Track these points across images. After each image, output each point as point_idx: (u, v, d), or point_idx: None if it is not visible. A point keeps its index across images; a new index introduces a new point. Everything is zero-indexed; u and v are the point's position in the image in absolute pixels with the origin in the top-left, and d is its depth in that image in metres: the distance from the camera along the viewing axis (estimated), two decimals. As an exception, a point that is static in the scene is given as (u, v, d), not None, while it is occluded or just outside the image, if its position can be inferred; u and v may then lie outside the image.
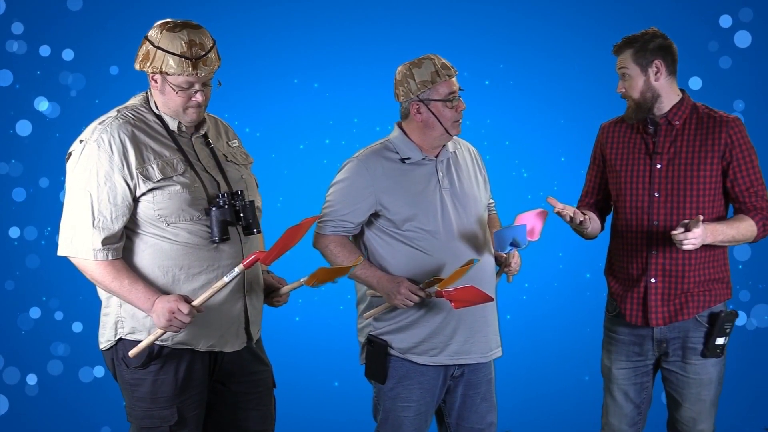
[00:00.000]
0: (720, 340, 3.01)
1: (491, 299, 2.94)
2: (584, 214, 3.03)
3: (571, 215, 2.97)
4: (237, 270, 2.58)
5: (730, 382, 3.25)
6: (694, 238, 2.81)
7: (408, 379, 3.03)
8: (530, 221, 2.98)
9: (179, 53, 2.54)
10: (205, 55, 2.57)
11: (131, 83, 2.93)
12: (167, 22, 2.59)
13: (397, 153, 3.04)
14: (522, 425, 3.76)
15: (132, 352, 2.58)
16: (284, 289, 2.83)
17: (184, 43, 2.54)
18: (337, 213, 3.01)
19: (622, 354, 3.13)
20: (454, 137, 3.10)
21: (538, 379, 3.48)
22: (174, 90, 2.58)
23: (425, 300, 2.96)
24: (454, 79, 3.02)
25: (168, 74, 2.56)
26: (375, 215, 3.02)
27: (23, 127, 4.51)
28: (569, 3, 4.63)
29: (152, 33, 2.59)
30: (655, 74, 2.98)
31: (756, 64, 4.57)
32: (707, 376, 3.04)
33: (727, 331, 3.02)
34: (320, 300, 3.09)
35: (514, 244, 2.96)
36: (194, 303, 2.56)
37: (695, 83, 4.49)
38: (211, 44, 2.60)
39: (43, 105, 4.52)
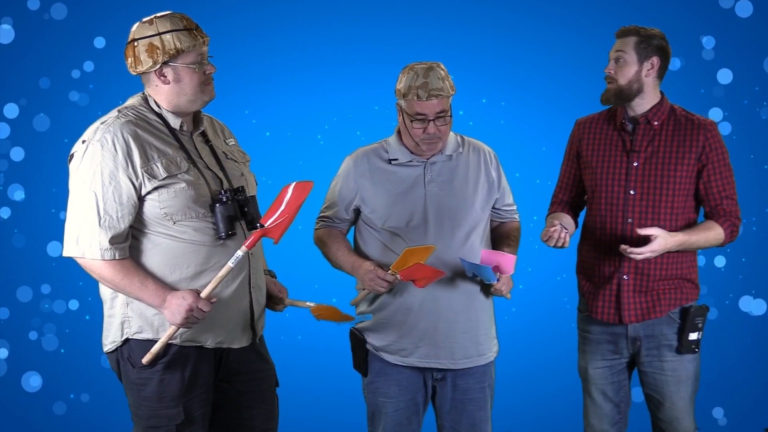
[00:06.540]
0: (693, 335, 3.06)
1: (442, 273, 2.88)
2: (564, 227, 3.00)
3: (557, 238, 2.95)
4: (240, 253, 2.55)
5: (730, 382, 3.24)
6: (640, 253, 2.89)
7: (385, 374, 3.05)
8: (496, 259, 2.91)
9: (184, 27, 2.57)
10: (196, 25, 2.63)
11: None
12: (142, 20, 2.61)
13: (387, 153, 3.04)
14: (522, 425, 3.78)
15: (145, 359, 2.56)
16: (287, 302, 2.84)
17: (179, 19, 2.58)
18: (329, 209, 3.09)
19: (597, 353, 3.16)
20: (467, 138, 3.08)
21: (539, 379, 3.45)
22: (192, 69, 2.59)
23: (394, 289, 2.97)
24: (429, 102, 2.88)
25: (183, 52, 2.56)
26: (358, 211, 3.06)
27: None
28: (566, 3, 4.66)
29: (140, 31, 2.58)
30: (648, 70, 3.03)
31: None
32: (684, 373, 3.09)
33: (699, 326, 3.07)
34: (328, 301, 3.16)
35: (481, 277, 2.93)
36: (203, 294, 2.54)
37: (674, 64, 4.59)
38: None
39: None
